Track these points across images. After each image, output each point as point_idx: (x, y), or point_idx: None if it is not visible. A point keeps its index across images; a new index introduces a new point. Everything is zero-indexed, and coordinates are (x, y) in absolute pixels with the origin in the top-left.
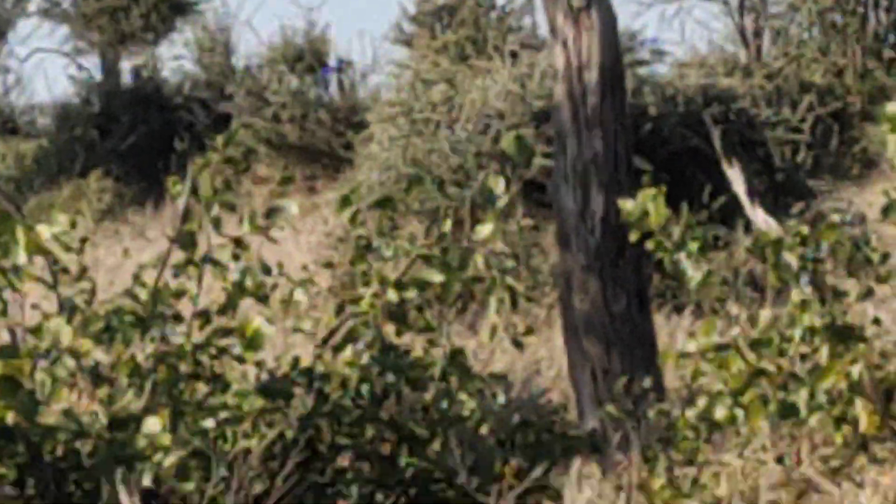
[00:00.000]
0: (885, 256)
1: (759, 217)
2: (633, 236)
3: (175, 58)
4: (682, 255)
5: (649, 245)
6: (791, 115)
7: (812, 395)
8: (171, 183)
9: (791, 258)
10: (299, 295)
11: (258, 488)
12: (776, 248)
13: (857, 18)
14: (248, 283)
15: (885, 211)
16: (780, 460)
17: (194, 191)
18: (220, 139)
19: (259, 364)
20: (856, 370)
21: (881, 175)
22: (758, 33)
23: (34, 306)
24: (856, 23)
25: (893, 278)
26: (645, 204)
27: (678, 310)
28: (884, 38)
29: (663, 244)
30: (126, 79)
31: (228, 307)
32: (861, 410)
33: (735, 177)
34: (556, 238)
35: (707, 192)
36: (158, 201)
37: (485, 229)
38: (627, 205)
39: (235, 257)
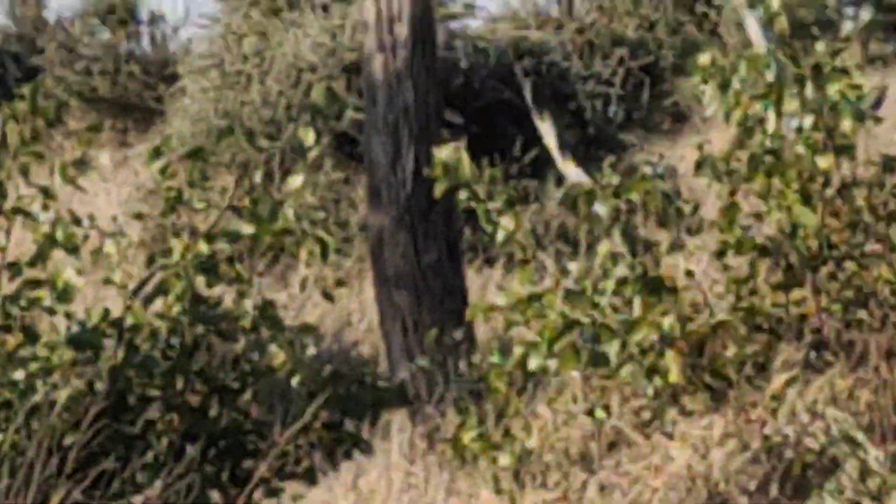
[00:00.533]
0: (696, 208)
1: (571, 170)
2: (439, 190)
3: None
4: (489, 209)
5: (460, 197)
6: (602, 69)
7: (624, 347)
8: None
9: (602, 210)
10: (110, 247)
11: (68, 440)
12: (588, 199)
13: None
14: (59, 234)
15: (698, 165)
16: (590, 412)
17: (2, 141)
18: (27, 89)
19: (69, 315)
20: (666, 322)
21: (692, 129)
22: None
23: None
24: None
25: (704, 230)
26: (452, 157)
27: (490, 262)
28: None
29: (476, 195)
30: None
31: (39, 259)
32: (671, 362)
33: (546, 130)
34: (366, 191)
35: (519, 146)
36: None
37: (295, 181)
38: (441, 154)
39: (45, 207)
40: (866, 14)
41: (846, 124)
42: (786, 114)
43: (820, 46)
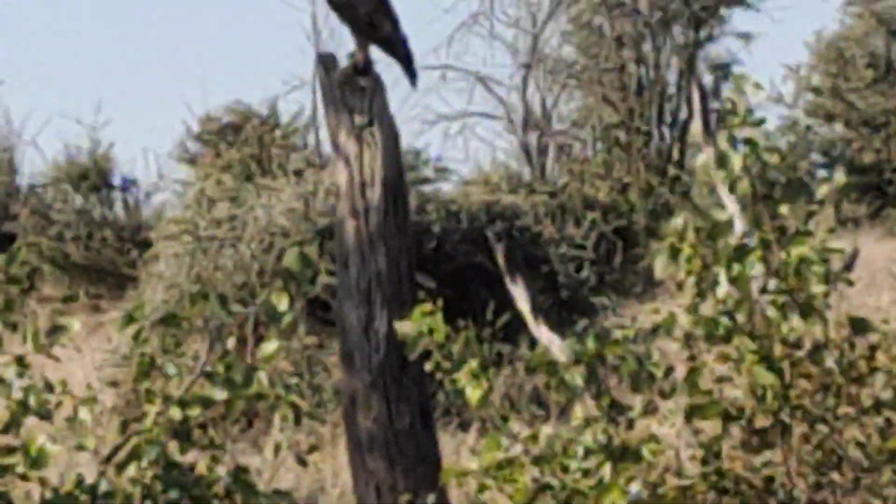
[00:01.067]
0: (668, 371)
1: (544, 334)
2: (411, 355)
3: None
4: (461, 374)
5: (428, 365)
6: (575, 233)
7: None
8: None
9: (573, 377)
10: (83, 413)
11: None
12: (552, 368)
13: (641, 136)
14: (32, 401)
15: (654, 330)
16: None
17: None
18: (2, 258)
19: (43, 482)
20: (635, 487)
21: (665, 292)
22: (542, 150)
23: None
24: (640, 140)
25: (677, 393)
26: (422, 322)
27: (463, 426)
28: (667, 156)
29: (441, 364)
30: None
31: (12, 425)
32: None
33: (519, 294)
34: (339, 355)
35: (491, 309)
36: None
37: (269, 346)
38: (403, 326)
39: (19, 375)
40: (840, 176)
41: (815, 287)
42: (750, 277)
43: (784, 209)
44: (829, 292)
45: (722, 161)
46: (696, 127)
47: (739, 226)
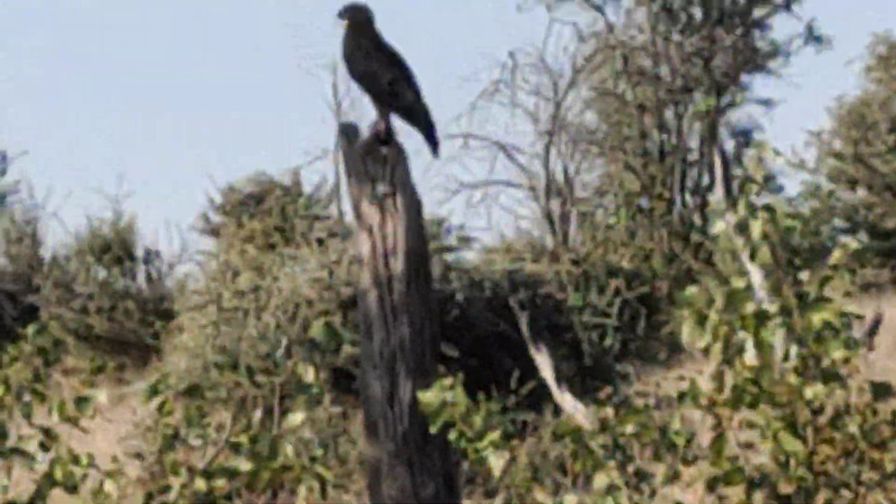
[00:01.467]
0: (690, 439)
1: (567, 402)
2: (433, 427)
3: None
4: (484, 444)
5: (452, 436)
6: (598, 300)
7: None
8: None
9: (595, 445)
10: (109, 486)
11: None
12: (577, 436)
13: (664, 203)
14: (58, 473)
15: (681, 398)
16: None
17: (4, 381)
18: (30, 330)
19: None
20: None
21: (688, 358)
22: (564, 218)
23: None
24: (662, 207)
25: (699, 461)
26: (443, 394)
27: (489, 495)
28: (690, 222)
29: (465, 435)
30: None
31: (38, 498)
32: None
33: (542, 362)
34: (363, 425)
35: (515, 377)
36: None
37: (294, 417)
38: (426, 398)
39: (44, 447)
40: (854, 242)
41: (836, 353)
42: (771, 343)
43: (804, 275)
44: (849, 357)
45: (742, 228)
46: (718, 193)
47: (761, 292)
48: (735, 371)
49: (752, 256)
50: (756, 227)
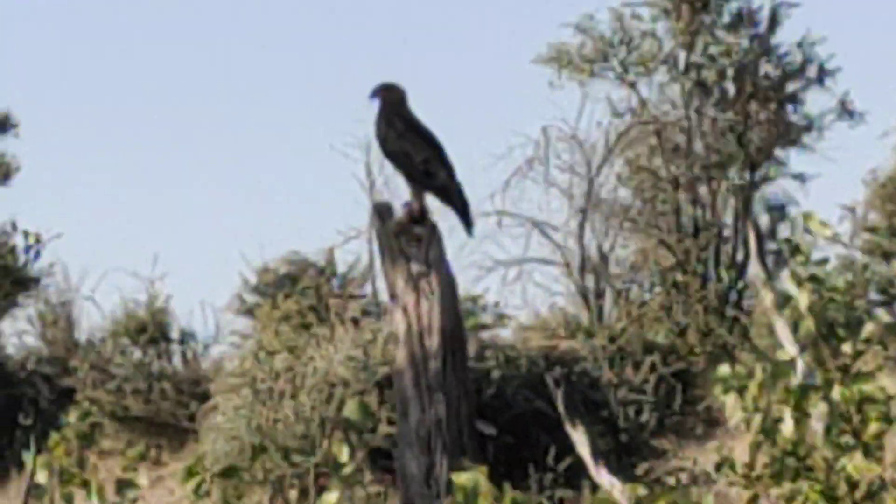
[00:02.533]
0: None
1: (604, 478)
2: None
3: (18, 333)
4: None
5: None
6: (634, 376)
7: None
8: (29, 457)
9: None
10: None
11: None
12: None
13: (699, 277)
14: None
15: (718, 468)
16: None
17: (47, 466)
18: (74, 414)
19: None
20: None
21: (725, 433)
22: (599, 294)
23: None
24: (697, 282)
25: None
26: (471, 481)
27: None
28: (726, 297)
29: None
30: None
31: None
32: None
33: (579, 438)
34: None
35: (552, 454)
36: (3, 477)
37: (330, 497)
38: (461, 479)
39: None
40: (888, 316)
41: (873, 426)
42: (811, 416)
43: (847, 348)
44: (884, 431)
45: (786, 301)
46: (754, 268)
47: (800, 365)
48: (774, 444)
49: (795, 329)
50: (804, 298)
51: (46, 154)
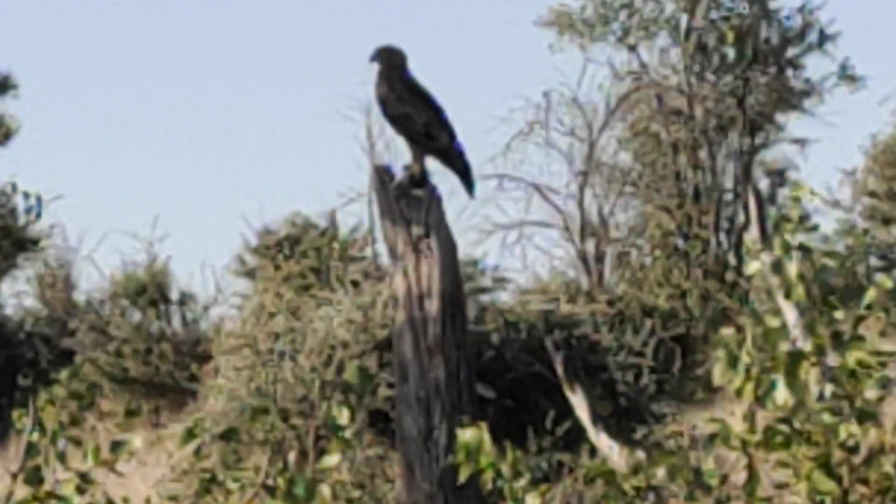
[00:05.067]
0: (724, 479)
1: (603, 442)
2: (464, 475)
3: (17, 294)
4: (519, 484)
5: (485, 478)
6: (634, 340)
7: None
8: (16, 416)
9: (628, 488)
10: None
11: None
12: (611, 477)
13: (699, 242)
14: None
15: (712, 439)
16: None
17: (40, 425)
18: (64, 374)
19: None
20: None
21: (725, 398)
22: (599, 258)
23: None
24: (698, 246)
25: (733, 501)
26: (474, 439)
27: None
28: (725, 262)
29: (501, 474)
30: None
31: None
32: None
33: (578, 402)
34: (399, 466)
35: (551, 418)
36: (2, 437)
37: (330, 460)
38: (464, 436)
39: (80, 491)
40: (889, 281)
41: (869, 392)
42: (804, 383)
43: (839, 314)
44: (884, 396)
45: (777, 267)
46: (753, 233)
47: (796, 332)
48: (768, 411)
49: (787, 295)
50: (791, 267)
51: (46, 115)
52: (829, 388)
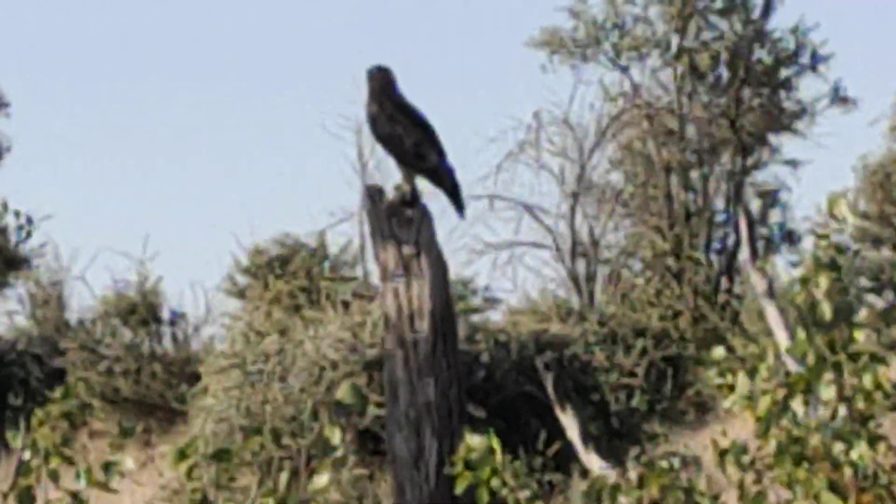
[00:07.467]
0: (716, 499)
1: (594, 462)
2: (461, 486)
3: (8, 313)
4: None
5: (486, 489)
6: (625, 360)
7: None
8: (10, 437)
9: None
10: None
11: None
12: (614, 493)
13: (691, 262)
14: None
15: (722, 455)
16: None
17: (32, 444)
18: (58, 393)
19: None
20: None
21: (715, 418)
22: (590, 277)
23: None
24: (689, 267)
25: None
26: (481, 446)
27: None
28: (717, 282)
29: (505, 482)
30: None
31: None
32: None
33: (569, 422)
34: (390, 487)
35: (542, 439)
36: None
37: (320, 480)
38: (473, 443)
39: None
40: (880, 301)
41: (880, 413)
42: (817, 402)
43: (859, 335)
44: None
45: (802, 283)
46: (744, 253)
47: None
48: (782, 429)
49: (812, 313)
50: (823, 283)
51: (38, 134)
52: (842, 410)
